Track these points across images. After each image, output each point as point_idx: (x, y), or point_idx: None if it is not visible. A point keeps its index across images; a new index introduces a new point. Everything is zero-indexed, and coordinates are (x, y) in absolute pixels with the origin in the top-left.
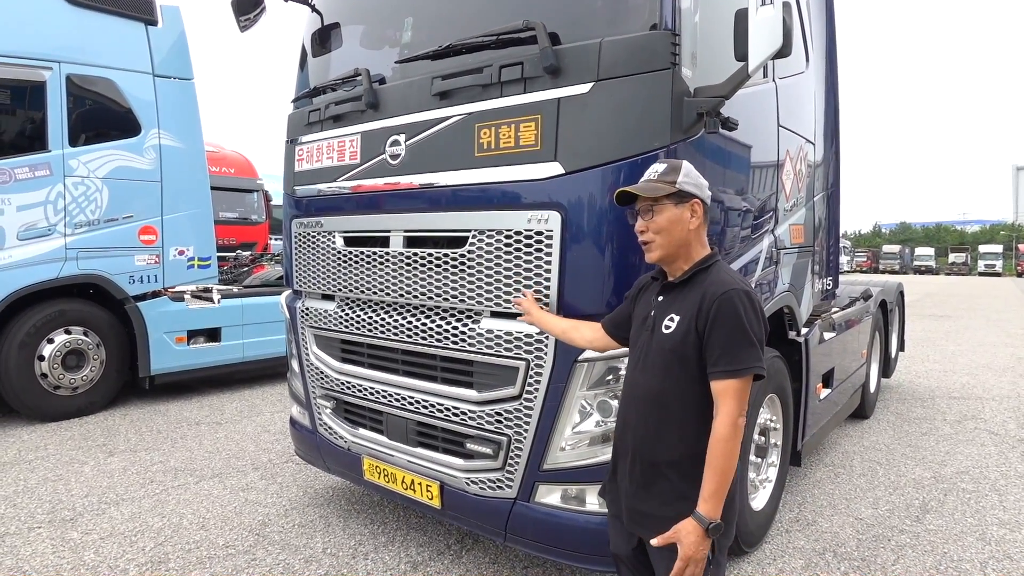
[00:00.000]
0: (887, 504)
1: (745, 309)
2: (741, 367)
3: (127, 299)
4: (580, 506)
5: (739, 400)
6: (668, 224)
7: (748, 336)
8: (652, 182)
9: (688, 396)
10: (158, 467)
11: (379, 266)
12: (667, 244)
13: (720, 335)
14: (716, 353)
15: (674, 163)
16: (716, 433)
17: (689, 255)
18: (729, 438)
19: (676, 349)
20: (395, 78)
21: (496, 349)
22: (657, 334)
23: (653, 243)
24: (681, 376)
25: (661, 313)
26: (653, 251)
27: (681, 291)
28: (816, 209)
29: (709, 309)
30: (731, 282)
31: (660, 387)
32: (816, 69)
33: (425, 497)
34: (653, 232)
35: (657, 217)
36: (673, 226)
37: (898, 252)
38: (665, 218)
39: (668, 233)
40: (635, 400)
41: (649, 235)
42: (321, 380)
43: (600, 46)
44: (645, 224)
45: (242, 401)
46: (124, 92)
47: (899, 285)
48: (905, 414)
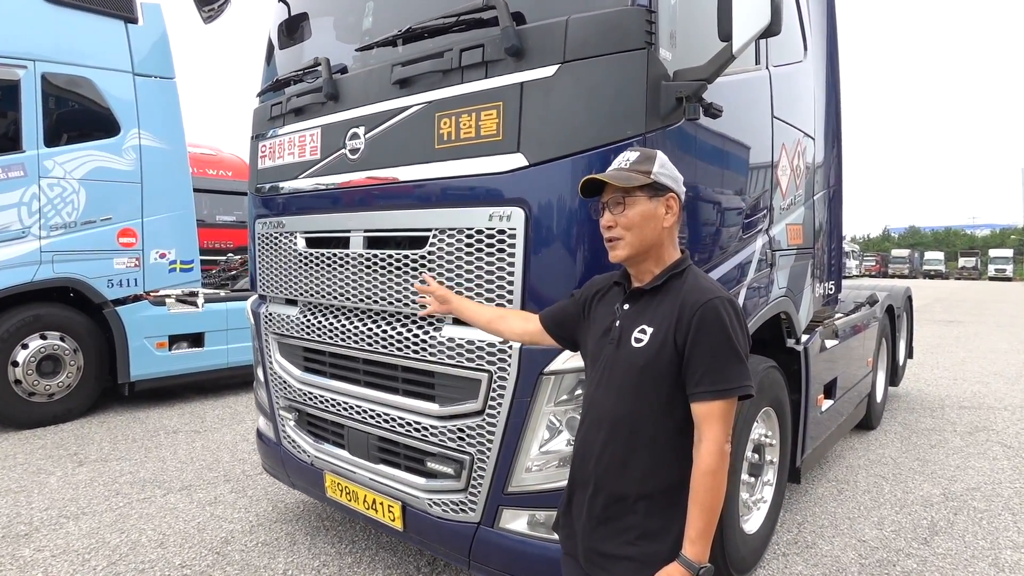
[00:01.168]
0: (893, 524)
1: (731, 320)
2: (728, 386)
3: (105, 303)
4: (548, 533)
5: (725, 424)
6: (640, 219)
7: (735, 351)
8: (624, 171)
9: (662, 419)
10: (127, 478)
11: (339, 269)
12: (637, 242)
13: (703, 350)
14: (699, 371)
15: (648, 152)
16: (701, 465)
17: (660, 257)
18: (716, 470)
19: (649, 366)
20: (356, 67)
21: (458, 359)
22: (625, 348)
23: (621, 240)
24: (654, 397)
25: (629, 324)
26: (619, 249)
27: (652, 299)
28: (816, 208)
29: (690, 320)
30: (713, 289)
31: (629, 409)
32: (815, 60)
33: (387, 518)
34: (622, 228)
35: (628, 211)
36: (645, 222)
37: (907, 256)
38: (637, 212)
39: (639, 230)
40: (598, 423)
41: (617, 231)
42: (284, 390)
43: (566, 24)
44: (613, 218)
45: (224, 408)
46: (102, 91)
47: (907, 290)
48: (913, 425)
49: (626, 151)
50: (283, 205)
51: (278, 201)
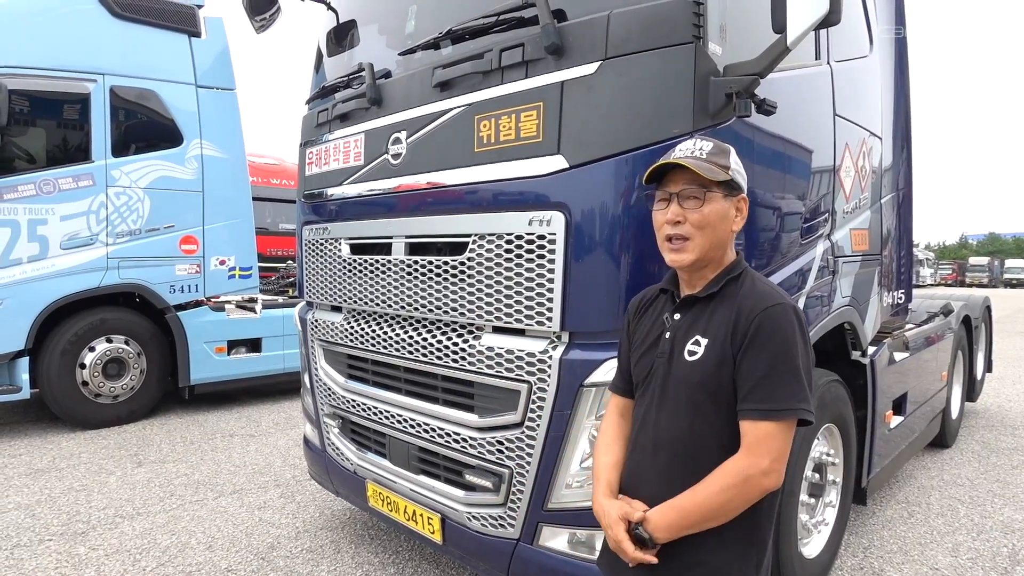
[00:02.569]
0: (969, 551)
1: (793, 330)
2: (780, 406)
3: (168, 308)
4: (589, 553)
5: (773, 450)
6: (716, 219)
7: (794, 366)
8: (703, 161)
9: (726, 442)
10: (182, 480)
11: (382, 275)
12: (706, 245)
13: (757, 361)
14: (749, 384)
15: (721, 144)
16: (726, 473)
17: (720, 261)
18: (735, 488)
19: (706, 383)
20: (400, 72)
21: (497, 369)
22: (678, 363)
23: (691, 241)
24: (714, 416)
25: (681, 335)
26: (687, 252)
27: (706, 307)
28: (883, 213)
29: (747, 328)
30: (773, 295)
31: (687, 431)
32: (882, 54)
33: (427, 530)
34: (693, 226)
35: (705, 207)
36: (719, 223)
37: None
38: (713, 210)
39: (712, 231)
40: (652, 447)
41: (686, 228)
42: (329, 397)
43: (608, 19)
44: (683, 213)
45: (280, 413)
46: (167, 103)
47: (985, 299)
48: (992, 444)
49: (694, 138)
50: (328, 211)
51: (324, 207)
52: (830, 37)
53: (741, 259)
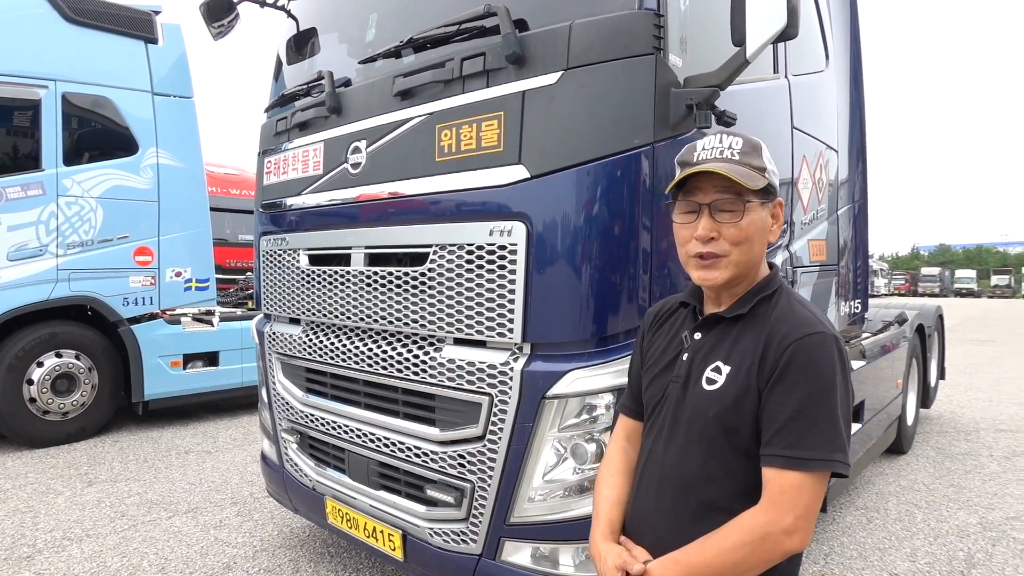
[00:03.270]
0: (927, 556)
1: (834, 366)
2: (813, 456)
3: (121, 321)
4: (552, 568)
5: (799, 506)
6: (755, 231)
7: (831, 408)
8: (738, 164)
9: (744, 488)
10: (134, 499)
11: (341, 287)
12: (744, 262)
13: (787, 399)
14: (775, 425)
15: (751, 139)
16: (741, 527)
17: (754, 277)
18: (751, 547)
19: (723, 417)
20: (360, 80)
21: (458, 382)
22: (694, 391)
23: (726, 258)
24: (731, 456)
25: (700, 359)
26: (720, 269)
27: (731, 329)
28: (840, 224)
29: (777, 359)
30: (813, 321)
31: (700, 471)
32: (838, 70)
33: (387, 547)
34: (729, 242)
35: (744, 220)
36: (758, 236)
37: (938, 275)
38: (752, 222)
39: (750, 246)
40: (659, 486)
41: (721, 245)
42: (287, 412)
43: (570, 29)
44: (716, 228)
45: (238, 428)
46: (121, 111)
47: (938, 308)
48: (947, 449)
49: (719, 134)
50: (286, 221)
51: (282, 217)
52: (787, 51)
53: (776, 273)
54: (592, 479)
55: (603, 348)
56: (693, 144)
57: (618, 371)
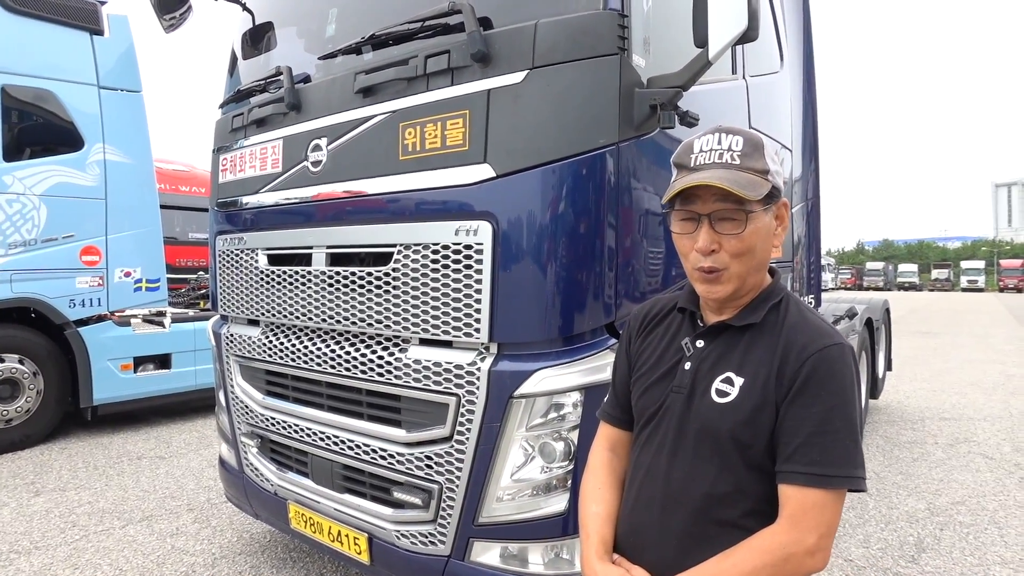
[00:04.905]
0: (879, 542)
1: (852, 378)
2: (834, 472)
3: (67, 324)
4: (522, 567)
5: (822, 525)
6: (758, 241)
7: (851, 422)
8: (737, 170)
9: (758, 507)
10: (85, 509)
11: (302, 287)
12: (746, 272)
13: (808, 414)
14: (796, 441)
15: (752, 136)
16: (761, 548)
17: (759, 284)
18: (773, 569)
19: (738, 432)
20: (320, 76)
21: (424, 382)
22: (703, 403)
23: (726, 272)
24: (746, 474)
25: (707, 369)
26: (723, 284)
27: (739, 337)
28: (795, 222)
29: (798, 370)
30: (830, 332)
31: (711, 489)
32: (791, 70)
33: (353, 551)
34: (730, 254)
35: (747, 230)
36: (762, 244)
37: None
38: (754, 232)
39: (752, 256)
40: (660, 503)
41: (722, 258)
42: (246, 415)
43: (535, 28)
44: (717, 240)
45: (192, 432)
46: (65, 104)
47: (885, 302)
48: (895, 438)
49: (718, 133)
50: (244, 220)
51: (239, 216)
52: (745, 53)
53: (779, 280)
54: (560, 478)
55: (570, 347)
56: (690, 143)
57: (585, 369)
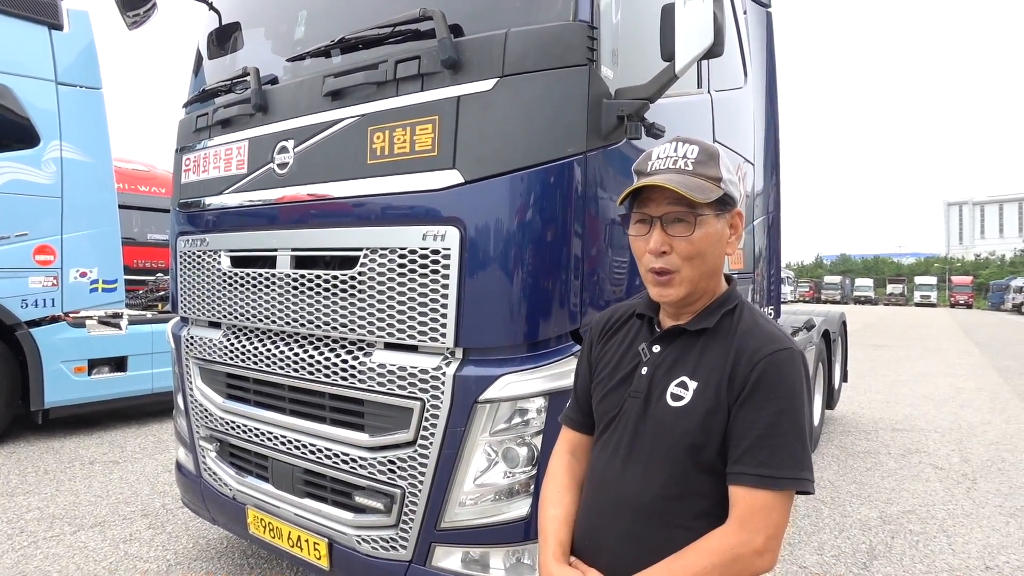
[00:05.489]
0: (832, 549)
1: (801, 383)
2: (782, 474)
3: (18, 324)
4: (483, 572)
5: (770, 526)
6: (708, 245)
7: (799, 426)
8: (689, 175)
9: (708, 509)
10: (34, 514)
11: (265, 290)
12: (697, 276)
13: (758, 417)
14: (745, 443)
15: (708, 146)
16: (710, 550)
17: (713, 291)
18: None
19: (691, 434)
20: (288, 78)
21: (388, 386)
22: (657, 407)
23: (677, 275)
24: (696, 477)
25: (663, 374)
26: (674, 287)
27: (694, 342)
28: (755, 234)
29: (748, 374)
30: (780, 337)
31: (662, 492)
32: (755, 87)
33: (312, 556)
34: (681, 257)
35: (696, 233)
36: (712, 248)
37: (839, 283)
38: (704, 236)
39: (702, 260)
40: (615, 508)
41: (673, 259)
42: (205, 419)
43: (506, 37)
44: (668, 242)
45: (148, 436)
46: (20, 100)
47: (842, 315)
48: (849, 447)
49: (675, 142)
50: (206, 222)
51: (201, 217)
52: (711, 68)
53: (735, 288)
54: (523, 483)
55: (535, 353)
56: (649, 152)
57: (550, 375)
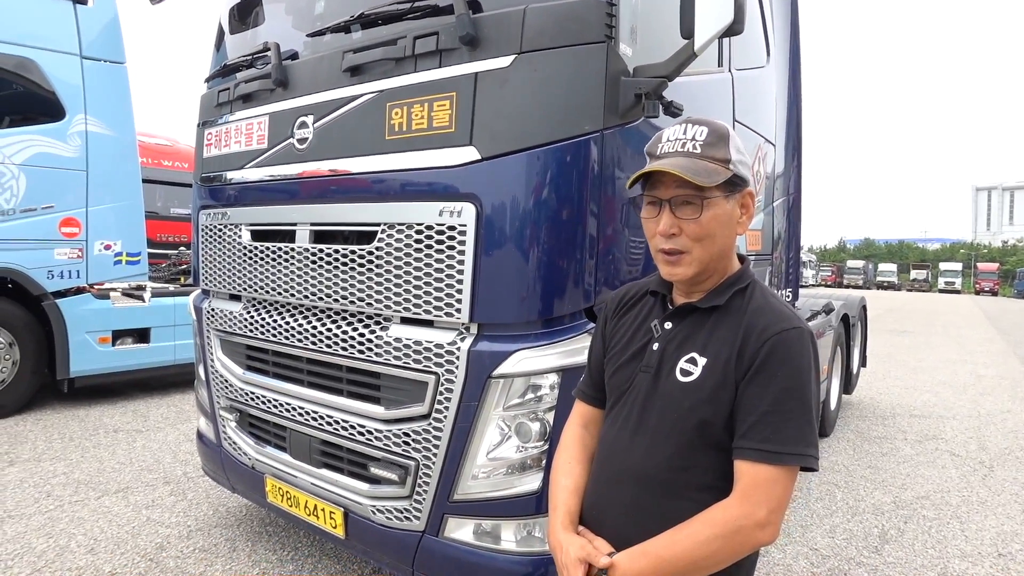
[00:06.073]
0: (844, 533)
1: (808, 361)
2: (787, 450)
3: (45, 295)
4: (494, 543)
5: (772, 499)
6: (716, 226)
7: (805, 403)
8: (697, 158)
9: (712, 482)
10: (60, 479)
11: (285, 263)
12: (707, 256)
13: (764, 393)
14: (751, 418)
15: (718, 127)
16: (713, 520)
17: (724, 270)
18: (724, 540)
19: (699, 409)
20: (308, 54)
21: (404, 360)
22: (667, 382)
23: (688, 255)
24: (702, 450)
25: (673, 350)
26: (683, 266)
27: (705, 319)
28: (775, 216)
29: (756, 352)
30: (788, 315)
31: (667, 464)
32: (778, 66)
33: (328, 525)
34: (690, 238)
35: (704, 215)
36: (722, 229)
37: (862, 267)
38: (713, 217)
39: (712, 240)
40: (622, 478)
41: (683, 240)
42: (225, 389)
43: (524, 13)
44: (677, 224)
45: (170, 407)
46: (47, 74)
47: (862, 299)
48: (866, 432)
49: (685, 123)
50: (228, 195)
51: (223, 191)
52: (732, 46)
53: (748, 267)
54: (535, 457)
55: (549, 329)
56: (660, 134)
57: (563, 352)
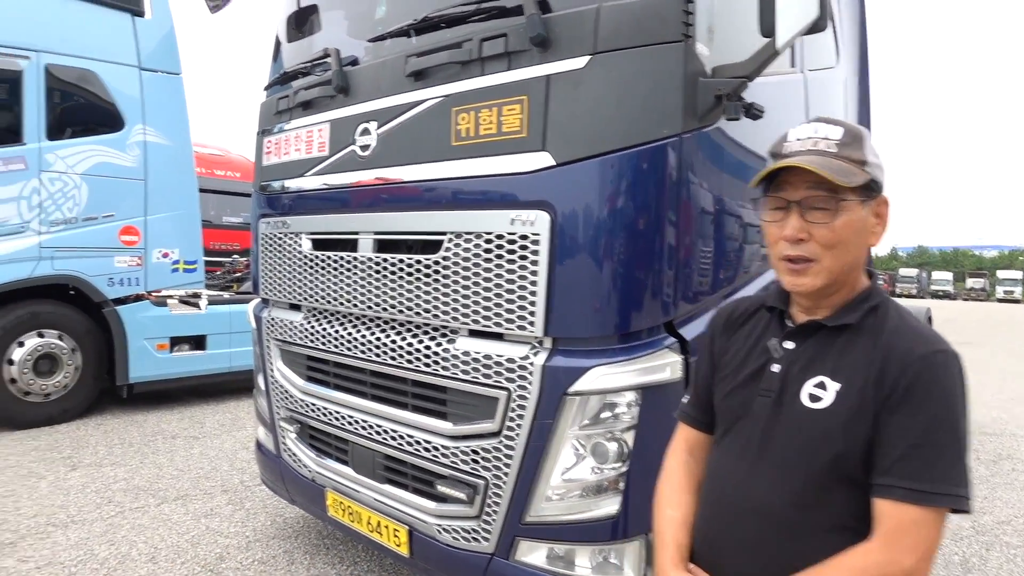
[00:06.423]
0: None
1: (959, 389)
2: (939, 490)
3: (105, 302)
4: (568, 569)
5: (920, 546)
6: (851, 234)
7: (958, 436)
8: (831, 157)
9: (846, 522)
10: (120, 485)
11: (347, 273)
12: (837, 267)
13: (912, 424)
14: (896, 452)
15: (853, 128)
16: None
17: (853, 284)
18: None
19: (832, 439)
20: (369, 59)
21: (473, 375)
22: (793, 407)
23: (816, 264)
24: (835, 486)
25: (797, 372)
26: (810, 276)
27: (834, 340)
28: None
29: (899, 377)
30: (936, 339)
31: (795, 499)
32: (847, 67)
33: (392, 543)
34: (820, 245)
35: (838, 220)
36: (855, 238)
37: (915, 276)
38: (847, 223)
39: (844, 250)
40: (741, 513)
41: (812, 247)
42: (285, 400)
43: (598, 12)
44: (806, 228)
45: (225, 414)
46: (107, 85)
47: (927, 310)
48: None
49: (816, 122)
50: (288, 204)
51: (283, 200)
52: (804, 46)
53: (876, 283)
54: (612, 480)
55: (626, 344)
56: (785, 133)
57: (642, 368)
